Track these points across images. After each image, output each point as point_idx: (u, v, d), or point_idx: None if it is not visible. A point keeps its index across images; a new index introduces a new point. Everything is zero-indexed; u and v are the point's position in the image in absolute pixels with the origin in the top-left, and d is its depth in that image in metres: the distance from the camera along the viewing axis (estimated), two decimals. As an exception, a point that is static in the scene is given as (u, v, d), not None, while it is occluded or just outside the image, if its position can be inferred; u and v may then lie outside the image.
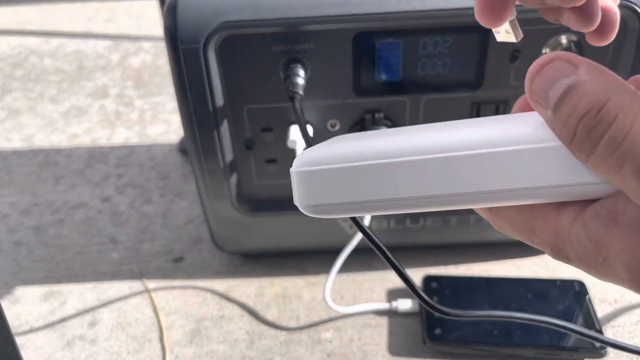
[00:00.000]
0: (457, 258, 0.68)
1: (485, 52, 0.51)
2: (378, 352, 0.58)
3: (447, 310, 0.53)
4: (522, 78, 0.53)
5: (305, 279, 0.67)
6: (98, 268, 0.70)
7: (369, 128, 0.55)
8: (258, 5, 0.49)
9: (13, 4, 1.49)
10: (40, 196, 0.82)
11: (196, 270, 0.69)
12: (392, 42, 0.51)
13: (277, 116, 0.56)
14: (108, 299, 0.66)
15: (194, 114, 0.53)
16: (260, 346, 0.59)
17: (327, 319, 0.62)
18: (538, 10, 0.32)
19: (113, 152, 0.91)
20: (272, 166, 0.59)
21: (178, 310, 0.64)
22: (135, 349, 0.60)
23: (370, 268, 0.67)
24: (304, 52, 0.51)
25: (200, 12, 0.49)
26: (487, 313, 0.55)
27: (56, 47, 1.25)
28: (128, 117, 0.99)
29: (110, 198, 0.81)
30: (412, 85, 0.54)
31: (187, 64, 0.51)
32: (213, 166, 0.57)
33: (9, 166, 0.89)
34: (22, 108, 1.04)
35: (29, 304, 0.66)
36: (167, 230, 0.75)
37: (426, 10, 0.49)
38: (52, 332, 0.62)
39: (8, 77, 1.14)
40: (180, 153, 0.89)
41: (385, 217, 0.63)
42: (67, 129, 0.97)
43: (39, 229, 0.76)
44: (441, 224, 0.64)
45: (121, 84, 1.10)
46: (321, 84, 0.53)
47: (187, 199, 0.80)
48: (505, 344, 0.56)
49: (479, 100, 0.55)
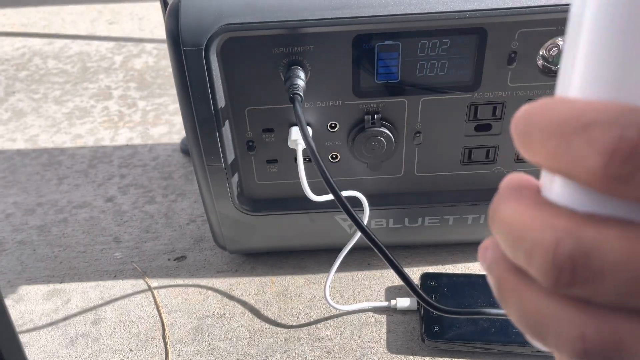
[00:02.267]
0: (455, 257, 0.68)
1: (483, 54, 0.52)
2: (377, 350, 0.59)
3: (445, 308, 0.54)
4: (518, 80, 0.54)
5: (305, 278, 0.67)
6: (101, 267, 0.71)
7: (368, 129, 0.56)
8: (259, 8, 0.50)
9: (17, 6, 1.50)
10: (44, 196, 0.83)
11: (198, 269, 0.70)
12: (391, 44, 0.52)
13: (278, 117, 0.56)
14: (111, 298, 0.67)
15: (196, 115, 0.54)
16: (261, 344, 0.60)
17: (326, 316, 0.63)
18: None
19: (116, 152, 0.91)
20: (273, 166, 0.60)
21: (180, 308, 0.65)
22: (138, 346, 0.61)
23: (370, 267, 0.68)
24: (304, 54, 0.52)
25: (202, 14, 0.50)
26: (485, 311, 0.56)
27: (60, 48, 1.26)
28: (131, 118, 1.00)
29: (114, 198, 0.82)
30: (410, 87, 0.54)
31: (189, 65, 0.51)
32: (215, 166, 0.58)
33: (13, 166, 0.89)
34: (26, 109, 1.05)
35: (32, 302, 0.67)
36: (169, 229, 0.76)
37: (424, 13, 0.50)
38: (55, 330, 0.63)
39: (12, 79, 1.15)
40: (183, 153, 0.90)
41: (384, 217, 0.64)
42: (70, 130, 0.98)
43: (43, 228, 0.77)
44: (439, 223, 0.64)
45: (124, 85, 1.11)
46: (321, 85, 0.54)
47: (189, 198, 0.81)
48: (503, 341, 0.57)
49: (476, 101, 0.55)
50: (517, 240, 0.18)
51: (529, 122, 0.18)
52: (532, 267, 0.17)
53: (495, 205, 0.19)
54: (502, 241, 0.19)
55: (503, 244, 0.19)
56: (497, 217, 0.19)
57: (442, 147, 0.59)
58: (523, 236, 0.18)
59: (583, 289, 0.16)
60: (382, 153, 0.58)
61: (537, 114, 0.18)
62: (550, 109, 0.17)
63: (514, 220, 0.18)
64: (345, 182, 0.61)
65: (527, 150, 0.18)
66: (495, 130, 0.57)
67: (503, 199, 0.19)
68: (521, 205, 0.18)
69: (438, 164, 0.60)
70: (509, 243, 0.18)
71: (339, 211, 0.63)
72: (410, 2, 0.50)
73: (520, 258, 0.18)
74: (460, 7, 0.49)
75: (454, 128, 0.57)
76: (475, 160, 0.60)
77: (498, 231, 0.19)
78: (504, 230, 0.18)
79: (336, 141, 0.58)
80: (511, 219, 0.18)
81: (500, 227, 0.19)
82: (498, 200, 0.19)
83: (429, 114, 0.56)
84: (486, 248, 0.20)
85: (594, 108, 0.16)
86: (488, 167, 0.60)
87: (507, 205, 0.19)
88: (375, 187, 0.62)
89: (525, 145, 0.18)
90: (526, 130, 0.18)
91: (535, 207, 0.18)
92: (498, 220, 0.19)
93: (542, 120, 0.17)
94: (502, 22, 0.50)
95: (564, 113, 0.17)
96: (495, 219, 0.19)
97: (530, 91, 0.55)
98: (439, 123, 0.57)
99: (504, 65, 0.53)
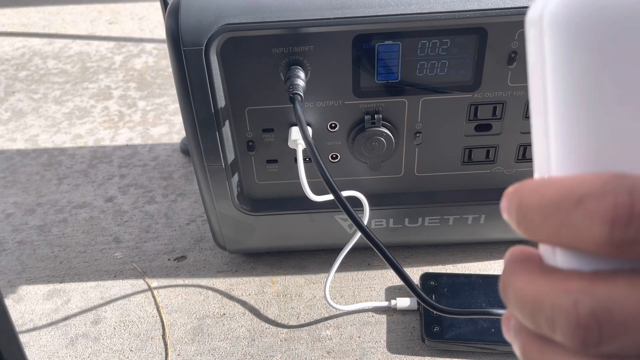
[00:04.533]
0: (455, 257, 0.69)
1: (483, 54, 0.52)
2: (377, 350, 0.59)
3: (445, 309, 0.54)
4: (519, 80, 0.54)
5: (305, 278, 0.67)
6: (101, 267, 0.71)
7: (368, 129, 0.56)
8: (259, 8, 0.50)
9: (17, 5, 1.50)
10: (44, 196, 0.83)
11: (198, 269, 0.70)
12: (391, 44, 0.52)
13: (278, 117, 0.56)
14: (111, 298, 0.67)
15: (196, 115, 0.54)
16: (261, 344, 0.60)
17: (327, 316, 0.63)
18: None
19: (116, 152, 0.91)
20: (273, 166, 0.60)
21: (180, 308, 0.65)
22: (138, 346, 0.61)
23: (370, 267, 0.68)
24: (304, 54, 0.52)
25: (202, 14, 0.50)
26: (485, 311, 0.56)
27: (60, 48, 1.26)
28: (131, 118, 1.00)
29: (114, 198, 0.82)
30: (410, 87, 0.54)
31: (189, 65, 0.51)
32: (215, 166, 0.58)
33: (13, 166, 0.89)
34: (26, 109, 1.05)
35: (32, 302, 0.67)
36: (169, 229, 0.76)
37: (424, 13, 0.50)
38: (55, 330, 0.63)
39: (12, 79, 1.15)
40: (183, 153, 0.90)
41: (384, 217, 0.64)
42: (70, 130, 0.98)
43: (43, 228, 0.77)
44: (439, 223, 0.64)
45: (124, 85, 1.11)
46: (321, 85, 0.54)
47: (189, 198, 0.81)
48: (503, 341, 0.57)
49: (476, 101, 0.55)
50: (535, 311, 0.18)
51: (523, 206, 0.18)
52: (557, 333, 0.17)
53: (504, 281, 0.20)
54: (519, 314, 0.19)
55: (521, 316, 0.19)
56: (510, 292, 0.19)
57: (442, 147, 0.59)
58: (540, 305, 0.18)
59: (611, 345, 0.16)
60: (382, 153, 0.58)
61: (529, 197, 0.18)
62: (540, 190, 0.18)
63: (527, 292, 0.18)
64: (345, 182, 0.61)
65: (528, 232, 0.18)
66: (495, 130, 0.57)
67: (511, 274, 0.19)
68: (530, 276, 0.19)
69: (438, 164, 0.60)
70: (527, 315, 0.18)
71: (339, 211, 0.63)
72: (410, 2, 0.50)
73: (542, 327, 0.18)
74: (460, 7, 0.49)
75: (454, 128, 0.57)
76: (475, 160, 0.60)
77: (513, 305, 0.19)
78: (519, 304, 0.19)
79: (336, 141, 0.58)
80: (524, 291, 0.18)
81: (515, 301, 0.19)
82: (506, 276, 0.19)
83: (429, 114, 0.56)
84: (508, 318, 0.21)
85: (581, 181, 0.17)
86: (488, 167, 0.61)
87: (517, 279, 0.19)
88: (375, 187, 0.62)
89: (526, 228, 0.18)
90: (523, 215, 0.18)
91: (544, 276, 0.18)
92: (511, 295, 0.19)
93: (535, 202, 0.18)
94: (502, 22, 0.50)
95: (555, 191, 0.17)
96: (508, 295, 0.19)
97: (530, 91, 0.54)
98: (439, 123, 0.57)
99: (504, 65, 0.53)
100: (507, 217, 0.19)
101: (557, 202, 0.17)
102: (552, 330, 0.17)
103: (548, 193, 0.18)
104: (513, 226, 0.19)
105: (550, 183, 0.18)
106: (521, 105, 0.56)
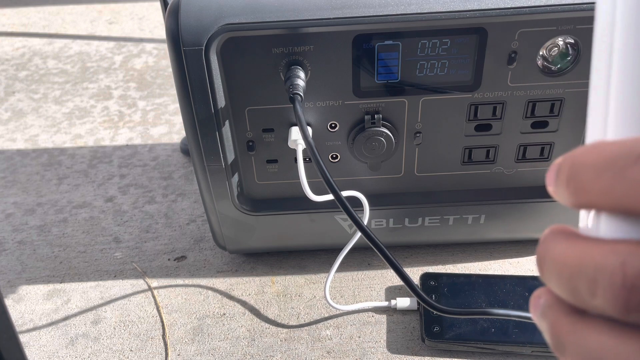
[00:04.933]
0: (455, 257, 0.69)
1: (483, 54, 0.52)
2: (377, 350, 0.59)
3: (445, 309, 0.54)
4: (519, 80, 0.54)
5: (305, 278, 0.67)
6: (101, 267, 0.71)
7: (368, 129, 0.56)
8: (259, 8, 0.50)
9: (17, 5, 1.50)
10: (44, 196, 0.83)
11: (198, 269, 0.70)
12: (391, 44, 0.52)
13: (278, 117, 0.56)
14: (111, 298, 0.67)
15: (196, 115, 0.54)
16: (261, 343, 0.60)
17: (327, 316, 0.63)
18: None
19: (116, 152, 0.91)
20: (273, 166, 0.60)
21: (180, 308, 0.65)
22: (138, 346, 0.61)
23: (370, 267, 0.68)
24: (304, 54, 0.52)
25: (202, 14, 0.50)
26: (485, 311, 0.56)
27: (60, 48, 1.26)
28: (131, 118, 1.00)
29: (114, 198, 0.82)
30: (410, 87, 0.54)
31: (189, 65, 0.51)
32: (215, 166, 0.58)
33: (13, 166, 0.90)
34: (26, 109, 1.05)
35: (32, 302, 0.67)
36: (169, 229, 0.76)
37: (424, 13, 0.50)
38: (55, 330, 0.63)
39: (12, 79, 1.15)
40: (183, 153, 0.90)
41: (384, 217, 0.64)
42: (70, 130, 0.98)
43: (43, 228, 0.77)
44: (439, 223, 0.64)
45: (124, 85, 1.11)
46: (321, 85, 0.54)
47: (189, 198, 0.81)
48: (503, 341, 0.57)
49: (476, 101, 0.55)
50: (576, 273, 0.18)
51: (575, 165, 0.18)
52: (598, 297, 0.17)
53: (543, 249, 0.19)
54: (556, 282, 0.19)
55: (557, 284, 0.18)
56: (549, 258, 0.19)
57: (442, 147, 0.59)
58: (583, 267, 0.17)
59: None
60: (382, 153, 0.58)
61: (584, 155, 0.18)
62: (598, 149, 0.18)
63: (569, 256, 0.18)
64: (345, 182, 0.61)
65: (576, 192, 0.18)
66: (495, 130, 0.57)
67: (550, 242, 0.19)
68: (573, 242, 0.18)
69: (438, 164, 0.60)
70: (565, 280, 0.18)
71: (339, 211, 0.63)
72: (410, 2, 0.50)
73: (581, 291, 0.17)
74: (460, 7, 0.49)
75: (454, 128, 0.57)
76: (475, 160, 0.60)
77: (551, 272, 0.19)
78: (558, 269, 0.18)
79: (336, 141, 0.58)
80: (565, 256, 0.18)
81: (554, 267, 0.19)
82: (545, 245, 0.19)
83: (429, 114, 0.56)
84: (538, 297, 0.20)
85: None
86: (488, 167, 0.61)
87: (558, 245, 0.19)
88: (375, 187, 0.62)
89: (576, 187, 0.18)
90: (574, 173, 0.18)
91: (587, 242, 0.18)
92: (550, 261, 0.19)
93: (591, 160, 0.18)
94: (502, 22, 0.50)
95: (613, 149, 0.17)
96: (546, 261, 0.19)
97: (531, 91, 0.55)
98: (439, 123, 0.57)
99: (504, 65, 0.53)
100: (554, 183, 0.19)
101: (614, 158, 0.17)
102: (592, 293, 0.17)
103: (606, 151, 0.17)
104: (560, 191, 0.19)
105: (609, 143, 0.17)
106: (521, 105, 0.56)
